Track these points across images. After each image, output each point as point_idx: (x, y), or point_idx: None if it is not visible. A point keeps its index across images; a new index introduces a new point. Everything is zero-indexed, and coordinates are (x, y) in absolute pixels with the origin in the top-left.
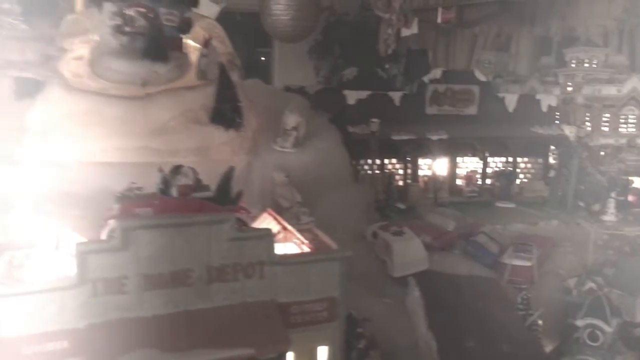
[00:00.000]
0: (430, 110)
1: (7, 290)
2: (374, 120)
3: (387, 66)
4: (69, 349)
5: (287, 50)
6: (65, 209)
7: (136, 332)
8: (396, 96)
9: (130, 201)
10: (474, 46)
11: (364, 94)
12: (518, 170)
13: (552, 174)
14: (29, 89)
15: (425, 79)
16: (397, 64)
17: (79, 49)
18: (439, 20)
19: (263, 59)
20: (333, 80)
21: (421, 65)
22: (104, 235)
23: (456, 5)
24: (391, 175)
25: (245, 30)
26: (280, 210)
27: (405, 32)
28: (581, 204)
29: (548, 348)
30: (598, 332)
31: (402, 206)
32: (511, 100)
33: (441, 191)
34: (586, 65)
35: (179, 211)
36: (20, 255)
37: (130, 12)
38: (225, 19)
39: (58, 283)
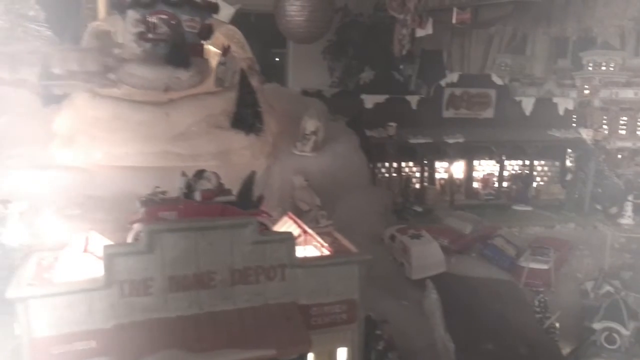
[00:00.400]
0: (447, 113)
1: (37, 291)
2: (391, 124)
3: (401, 67)
4: (96, 348)
5: (301, 51)
6: (91, 212)
7: (161, 333)
8: (413, 100)
9: (154, 205)
10: (489, 47)
11: (381, 98)
12: (535, 173)
13: (569, 177)
14: (55, 96)
15: (442, 82)
16: (412, 64)
17: None
18: (454, 20)
19: (277, 59)
20: (348, 81)
21: (436, 66)
22: (129, 239)
23: (471, 6)
24: (408, 178)
25: (260, 31)
26: (299, 214)
27: (419, 33)
28: (598, 207)
29: (565, 351)
30: (615, 335)
31: (419, 209)
32: (528, 104)
33: (458, 194)
34: (603, 68)
35: (202, 215)
36: (49, 257)
37: (153, 19)
38: (239, 20)
39: (87, 284)
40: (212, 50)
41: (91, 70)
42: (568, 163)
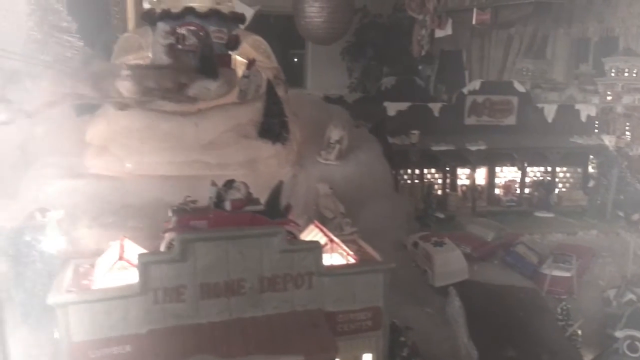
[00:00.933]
0: (469, 120)
1: (76, 298)
2: (414, 132)
3: (420, 67)
4: (131, 353)
5: (320, 51)
6: (124, 220)
7: (193, 338)
8: (435, 107)
9: (186, 214)
10: (509, 47)
11: (404, 106)
12: (557, 179)
13: (591, 183)
14: (88, 106)
15: (465, 90)
16: (431, 65)
17: None
18: (474, 21)
19: (296, 60)
20: (366, 82)
21: (455, 66)
22: (163, 247)
23: (491, 7)
24: (430, 184)
25: (279, 32)
26: (324, 221)
27: (439, 33)
28: (620, 213)
29: (587, 358)
30: (637, 344)
31: (441, 215)
32: (550, 111)
33: (479, 200)
34: (626, 74)
35: (232, 224)
36: (86, 264)
37: (183, 30)
38: (259, 21)
39: (122, 291)
40: (239, 60)
41: (167, 87)
42: (590, 169)
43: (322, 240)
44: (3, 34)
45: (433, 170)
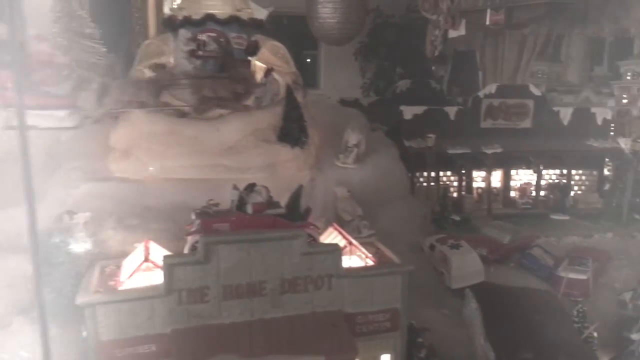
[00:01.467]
0: (485, 124)
1: (103, 298)
2: (430, 135)
3: (433, 68)
4: (156, 352)
5: (333, 52)
6: (148, 222)
7: (216, 338)
8: (451, 111)
9: (209, 217)
10: (523, 47)
11: (420, 109)
12: (572, 182)
13: (607, 186)
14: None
15: (480, 93)
16: (444, 65)
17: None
18: (488, 22)
19: (309, 60)
20: (379, 83)
21: (468, 67)
22: (186, 249)
23: (505, 7)
24: (446, 187)
25: (292, 33)
26: (342, 223)
27: (452, 34)
28: (636, 216)
29: None
30: None
31: (457, 218)
32: (566, 114)
33: (495, 203)
34: None
35: (253, 227)
36: (112, 265)
37: (203, 37)
38: (272, 22)
39: (148, 292)
40: (258, 65)
41: (223, 96)
42: (606, 172)
43: (341, 242)
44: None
45: (449, 173)
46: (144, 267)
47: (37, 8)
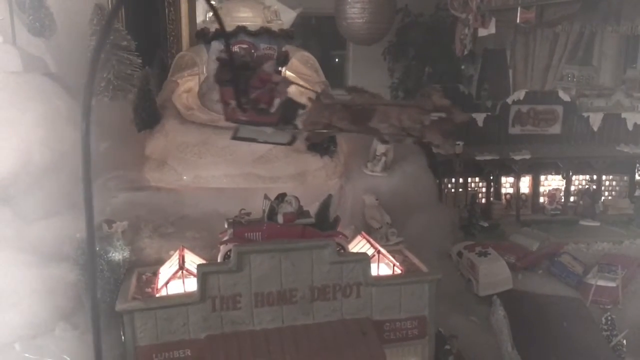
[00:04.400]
0: (513, 130)
1: (141, 305)
2: (459, 142)
3: (463, 67)
4: (191, 357)
5: (361, 52)
6: (183, 231)
7: (248, 344)
8: (480, 117)
9: (241, 226)
10: (555, 46)
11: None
12: (602, 188)
13: (637, 191)
14: (147, 122)
15: (509, 100)
16: (474, 64)
17: (187, 83)
18: (518, 20)
19: (337, 60)
20: (408, 82)
21: (498, 65)
22: (220, 258)
23: (536, 5)
24: (474, 194)
25: (320, 33)
26: (370, 231)
27: (482, 32)
28: None
29: None
30: None
31: (485, 224)
32: (596, 120)
33: (524, 209)
34: None
35: (284, 236)
36: (149, 272)
37: (235, 48)
38: (300, 23)
39: (183, 299)
40: (288, 74)
41: (406, 126)
42: (637, 177)
43: (369, 251)
44: (68, 53)
45: (477, 179)
46: (179, 275)
47: (75, 22)
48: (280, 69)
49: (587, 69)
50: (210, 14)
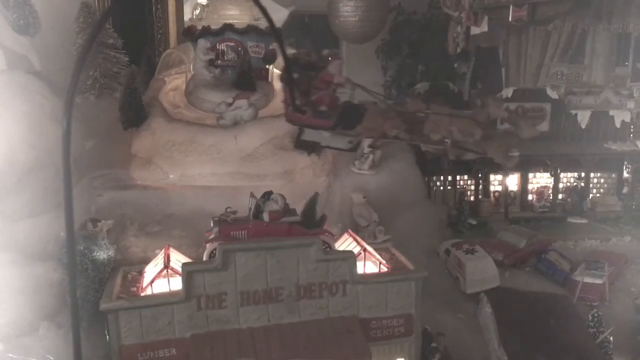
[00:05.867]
0: (502, 127)
1: (126, 304)
2: (447, 140)
3: (455, 65)
4: (176, 356)
5: (354, 50)
6: (169, 229)
7: (234, 343)
8: (468, 115)
9: (227, 225)
10: (547, 44)
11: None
12: (590, 185)
13: (625, 189)
14: (133, 120)
15: (497, 97)
16: (466, 62)
17: (174, 81)
18: (510, 18)
19: (330, 59)
20: (402, 80)
21: (491, 63)
22: (205, 256)
23: (528, 3)
24: (463, 191)
25: (313, 31)
26: (358, 229)
27: (474, 31)
28: None
29: None
30: None
31: (473, 222)
32: (584, 117)
33: (512, 206)
34: None
35: (270, 234)
36: (134, 272)
37: (222, 46)
38: (293, 21)
39: (168, 298)
40: (276, 72)
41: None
42: (625, 175)
43: (356, 249)
44: (53, 51)
45: (465, 177)
46: (164, 274)
47: (60, 20)
48: (267, 66)
49: (575, 67)
50: (197, 11)
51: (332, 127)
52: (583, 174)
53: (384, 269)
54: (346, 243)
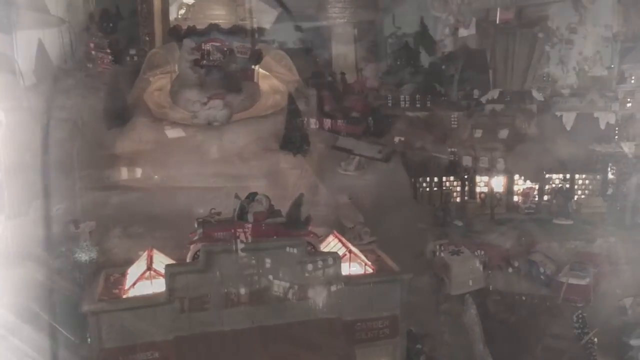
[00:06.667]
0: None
1: (107, 306)
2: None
3: (443, 67)
4: (159, 358)
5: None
6: (152, 230)
7: (217, 345)
8: (454, 116)
9: (211, 226)
10: (534, 46)
11: (423, 115)
12: (575, 186)
13: (610, 190)
14: (117, 120)
15: (483, 99)
16: (455, 64)
17: (160, 80)
18: (498, 20)
19: (318, 60)
20: (390, 80)
21: (479, 65)
22: (189, 258)
23: (515, 5)
24: (449, 192)
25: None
26: (343, 230)
27: (462, 33)
28: None
29: None
30: None
31: (459, 223)
32: (569, 119)
33: (498, 207)
34: None
35: (255, 236)
36: (117, 273)
37: (207, 46)
38: (282, 22)
39: (151, 300)
40: (262, 73)
41: None
42: (610, 176)
43: (341, 250)
44: (36, 50)
45: (452, 178)
46: (147, 276)
47: (45, 18)
48: (253, 67)
49: (561, 69)
50: (182, 11)
51: (361, 134)
52: (568, 176)
53: (369, 270)
54: (332, 244)
